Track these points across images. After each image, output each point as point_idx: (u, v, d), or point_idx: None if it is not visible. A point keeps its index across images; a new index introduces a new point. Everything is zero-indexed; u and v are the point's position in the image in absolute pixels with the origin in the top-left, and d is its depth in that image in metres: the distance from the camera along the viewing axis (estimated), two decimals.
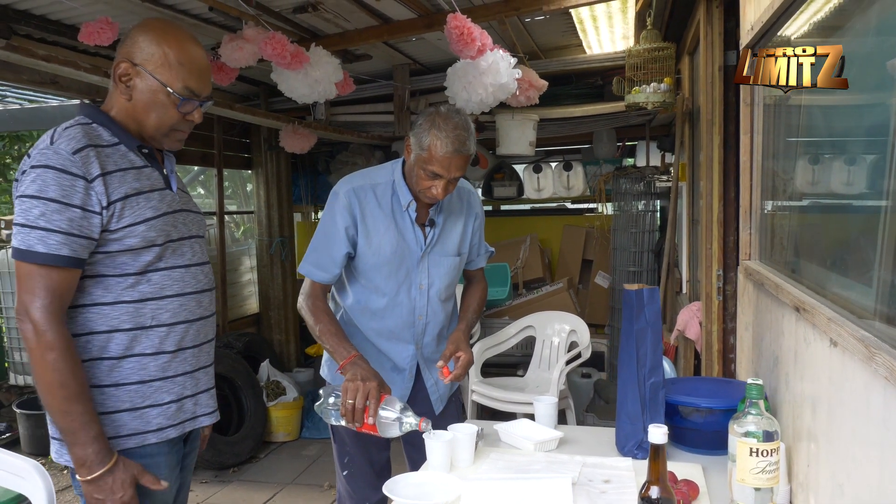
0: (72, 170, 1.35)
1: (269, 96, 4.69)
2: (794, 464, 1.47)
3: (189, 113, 1.51)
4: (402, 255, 1.98)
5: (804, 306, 1.35)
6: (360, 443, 2.07)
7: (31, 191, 1.35)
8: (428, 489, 1.50)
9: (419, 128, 1.87)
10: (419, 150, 1.86)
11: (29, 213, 1.34)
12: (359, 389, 1.68)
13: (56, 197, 1.34)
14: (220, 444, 4.02)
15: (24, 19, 2.91)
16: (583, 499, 1.45)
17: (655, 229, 4.83)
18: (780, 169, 1.94)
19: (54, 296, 1.35)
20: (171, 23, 1.53)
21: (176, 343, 1.49)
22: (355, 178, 2.01)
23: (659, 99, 3.59)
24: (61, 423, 1.36)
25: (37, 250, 1.33)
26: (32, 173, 1.35)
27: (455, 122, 1.84)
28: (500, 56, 2.83)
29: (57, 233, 1.34)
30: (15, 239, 1.37)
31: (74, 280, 1.39)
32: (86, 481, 1.36)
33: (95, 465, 1.36)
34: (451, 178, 1.87)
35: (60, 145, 1.37)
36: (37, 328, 1.33)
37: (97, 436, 1.37)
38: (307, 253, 2.00)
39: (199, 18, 3.12)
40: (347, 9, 3.11)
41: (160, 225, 1.46)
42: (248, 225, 7.42)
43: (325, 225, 1.98)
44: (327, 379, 2.13)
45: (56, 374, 1.33)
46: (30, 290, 1.34)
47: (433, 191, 1.88)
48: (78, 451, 1.36)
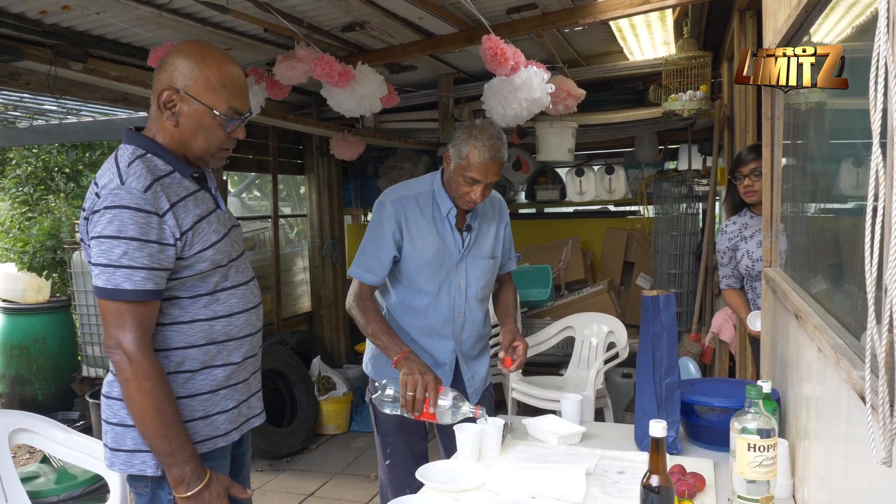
0: (145, 207, 1.40)
1: (321, 105, 4.92)
2: (796, 460, 1.59)
3: (234, 131, 1.55)
4: (443, 257, 2.16)
5: (801, 313, 1.46)
6: (401, 434, 2.26)
7: (109, 231, 1.39)
8: (456, 475, 1.67)
9: (457, 140, 2.08)
10: (458, 159, 2.06)
11: (111, 253, 1.39)
12: (418, 382, 1.86)
13: (135, 235, 1.39)
14: (274, 435, 4.27)
15: (98, 43, 3.20)
16: (596, 487, 1.59)
17: (697, 232, 4.87)
18: (801, 177, 2.02)
19: (143, 328, 1.42)
20: (206, 44, 1.55)
21: (242, 355, 1.61)
22: (399, 189, 2.21)
23: (695, 106, 3.67)
24: (160, 447, 1.43)
25: (124, 288, 1.40)
26: (108, 214, 1.40)
27: (490, 133, 2.04)
28: (534, 72, 2.97)
29: (141, 269, 1.40)
30: (99, 279, 1.41)
31: (157, 309, 1.46)
32: (185, 498, 1.44)
33: (193, 482, 1.44)
34: (488, 182, 2.07)
35: (131, 184, 1.41)
36: (132, 360, 1.40)
37: (192, 454, 1.45)
38: (357, 257, 2.19)
39: (255, 38, 3.35)
40: (392, 26, 3.30)
41: (224, 247, 1.56)
42: (301, 227, 7.71)
43: (374, 231, 2.16)
44: (371, 375, 2.31)
45: (154, 401, 1.41)
46: (120, 326, 1.40)
47: (472, 195, 2.07)
48: (176, 470, 1.43)
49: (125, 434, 1.51)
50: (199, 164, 1.58)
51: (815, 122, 1.69)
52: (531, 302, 4.94)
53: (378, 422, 2.29)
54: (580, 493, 1.53)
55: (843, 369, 1.04)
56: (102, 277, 1.41)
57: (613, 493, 1.56)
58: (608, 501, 1.52)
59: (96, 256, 1.42)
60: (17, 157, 5.71)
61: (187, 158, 1.55)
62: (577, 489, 1.55)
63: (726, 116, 3.94)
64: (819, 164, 1.68)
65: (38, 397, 4.80)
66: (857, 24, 1.21)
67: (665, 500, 1.33)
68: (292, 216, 7.80)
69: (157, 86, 1.51)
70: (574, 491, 1.54)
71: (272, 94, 3.41)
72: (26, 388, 4.85)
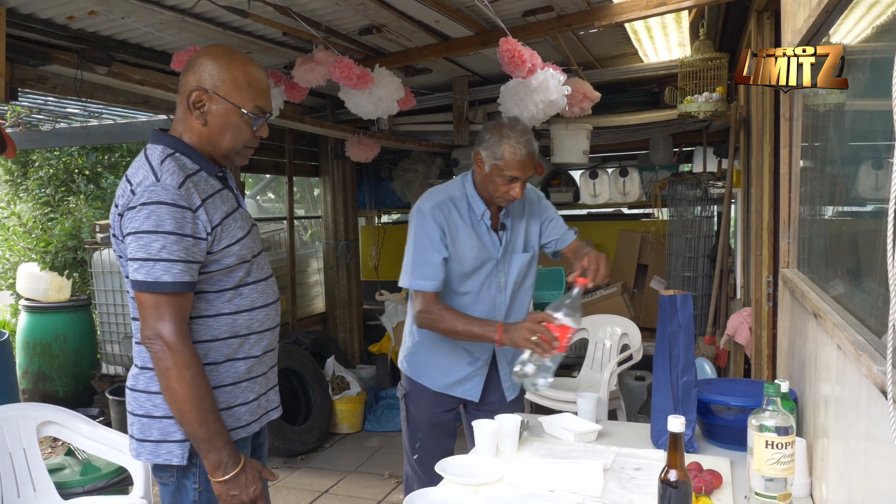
0: (180, 203, 1.46)
1: (336, 108, 4.96)
2: (814, 458, 1.60)
3: (259, 129, 1.61)
4: (483, 258, 2.20)
5: (819, 312, 1.47)
6: (433, 431, 2.31)
7: (147, 226, 1.44)
8: (474, 469, 1.70)
9: (488, 141, 2.10)
10: (494, 161, 2.09)
11: (150, 248, 1.44)
12: (537, 331, 1.90)
13: (172, 229, 1.44)
14: (289, 433, 4.31)
15: (122, 48, 3.26)
16: (613, 483, 1.61)
17: (711, 235, 4.87)
18: (818, 179, 2.03)
19: (181, 318, 1.47)
20: (230, 48, 1.62)
21: (262, 348, 1.66)
22: (435, 195, 2.21)
23: (711, 108, 3.67)
24: (199, 433, 1.47)
25: (164, 280, 1.44)
26: (145, 209, 1.44)
27: (520, 129, 2.09)
28: (550, 74, 3.00)
29: (178, 262, 1.45)
30: (139, 273, 1.45)
31: (191, 301, 1.51)
32: (222, 481, 1.49)
33: (230, 466, 1.49)
34: (526, 177, 2.10)
35: (166, 181, 1.47)
36: (172, 349, 1.44)
37: (228, 440, 1.50)
38: (409, 270, 2.16)
39: (274, 42, 3.40)
40: (409, 29, 3.33)
41: (248, 243, 1.61)
42: (316, 229, 7.77)
43: (420, 239, 2.15)
44: (406, 372, 2.33)
45: (194, 389, 1.45)
46: (160, 317, 1.44)
47: (512, 192, 2.10)
48: (214, 455, 1.48)
49: (151, 425, 1.55)
50: (224, 163, 1.63)
51: (835, 124, 1.70)
52: (544, 304, 4.95)
53: (409, 417, 2.34)
54: (598, 488, 1.55)
55: (864, 365, 1.06)
56: (142, 271, 1.45)
57: (630, 489, 1.58)
58: (625, 496, 1.54)
59: (134, 251, 1.46)
60: (39, 160, 5.79)
61: (212, 158, 1.60)
62: (595, 483, 1.57)
63: (742, 118, 3.95)
64: (838, 166, 1.69)
65: (59, 393, 4.87)
66: (877, 24, 1.22)
67: (683, 495, 1.35)
68: (307, 217, 7.86)
69: (185, 87, 1.56)
70: (592, 485, 1.56)
71: (290, 96, 3.45)
72: (48, 385, 4.92)
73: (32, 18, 2.85)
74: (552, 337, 1.89)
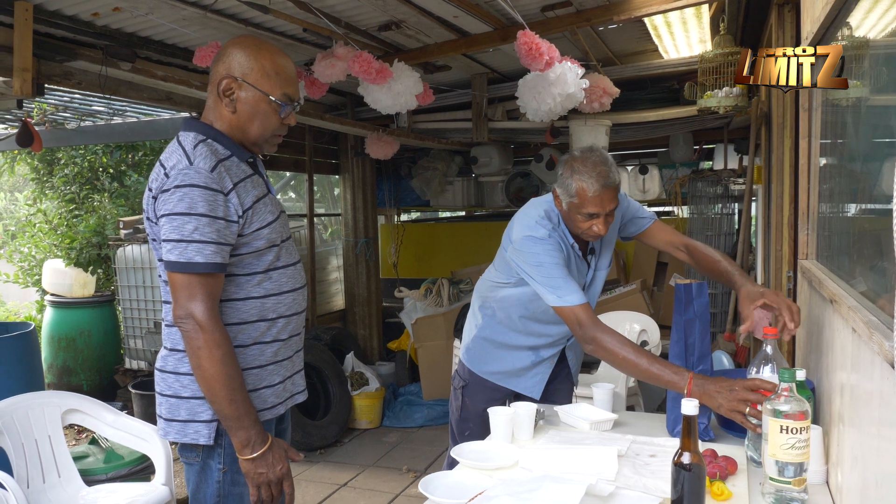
0: (213, 186, 1.49)
1: (356, 106, 5.01)
2: (829, 446, 1.59)
3: (286, 117, 1.63)
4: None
5: (835, 297, 1.47)
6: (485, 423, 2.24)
7: (180, 208, 1.47)
8: (489, 454, 1.71)
9: (561, 178, 1.99)
10: (569, 198, 1.97)
11: (183, 229, 1.47)
12: (749, 400, 1.63)
13: (205, 212, 1.47)
14: (308, 427, 4.35)
15: (145, 44, 3.32)
16: (627, 468, 1.61)
17: (732, 232, 4.84)
18: (838, 170, 2.01)
19: (213, 299, 1.50)
20: (259, 39, 1.66)
21: (289, 332, 1.69)
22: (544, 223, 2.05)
23: (731, 103, 3.65)
24: (228, 411, 1.50)
25: (197, 261, 1.47)
26: (179, 192, 1.48)
27: (593, 161, 1.94)
28: (568, 67, 3.00)
29: (210, 243, 1.48)
30: (171, 254, 1.48)
31: (222, 283, 1.54)
32: (250, 459, 1.52)
33: (258, 444, 1.52)
34: (608, 212, 1.96)
35: (199, 164, 1.50)
36: (204, 329, 1.47)
37: (256, 419, 1.53)
38: (558, 289, 1.98)
39: (294, 38, 3.44)
40: (428, 25, 3.35)
41: (278, 227, 1.64)
42: (335, 227, 7.83)
43: (551, 259, 1.99)
44: (467, 364, 2.30)
45: (224, 368, 1.48)
46: (192, 297, 1.47)
47: (594, 229, 1.98)
48: (242, 434, 1.51)
49: (179, 405, 1.59)
50: (253, 150, 1.66)
51: (854, 118, 1.69)
52: None
53: (463, 407, 2.31)
54: (612, 472, 1.56)
55: (876, 342, 1.06)
56: (175, 252, 1.48)
57: (645, 474, 1.58)
58: (639, 481, 1.54)
59: (168, 232, 1.49)
60: (64, 158, 5.91)
61: (243, 145, 1.64)
62: (610, 468, 1.58)
63: (763, 113, 3.92)
64: (859, 162, 1.68)
65: (83, 387, 4.96)
66: None
67: (696, 479, 1.35)
68: (327, 215, 7.92)
69: (215, 76, 1.60)
70: (606, 469, 1.57)
71: (311, 92, 3.49)
72: (72, 379, 5.02)
73: (58, 15, 2.91)
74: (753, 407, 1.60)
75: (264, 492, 1.56)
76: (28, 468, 2.51)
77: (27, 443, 2.52)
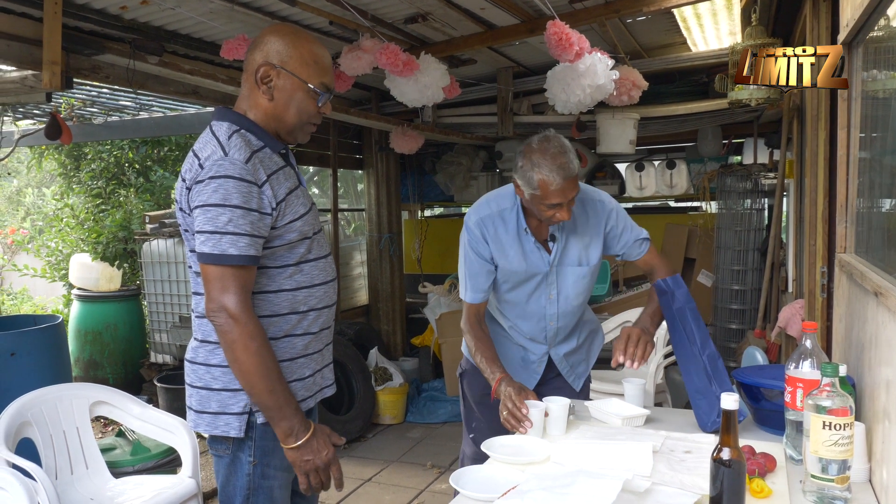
0: (247, 178, 1.48)
1: (381, 100, 5.00)
2: (873, 443, 1.54)
3: (323, 105, 1.63)
4: (530, 270, 2.12)
5: (881, 290, 1.42)
6: (483, 412, 2.28)
7: (214, 200, 1.46)
8: (521, 449, 1.68)
9: (521, 169, 1.95)
10: (531, 190, 1.94)
11: (217, 221, 1.46)
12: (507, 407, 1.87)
13: (239, 203, 1.46)
14: (332, 422, 4.35)
15: (172, 38, 3.33)
16: (662, 464, 1.57)
17: (762, 227, 4.75)
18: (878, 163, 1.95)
19: (246, 291, 1.48)
20: (296, 27, 1.66)
21: (319, 325, 1.67)
22: (482, 208, 2.13)
23: (763, 95, 3.56)
24: (268, 402, 1.49)
25: (230, 253, 1.46)
26: (213, 183, 1.46)
27: (552, 153, 1.89)
28: (598, 58, 2.95)
29: (244, 235, 1.46)
30: (205, 245, 1.46)
31: (255, 275, 1.53)
32: (294, 448, 1.51)
33: (301, 432, 1.51)
34: (569, 199, 1.94)
35: (234, 156, 1.48)
36: (238, 321, 1.45)
37: (297, 408, 1.52)
38: (463, 282, 2.16)
39: (321, 32, 3.43)
40: (454, 18, 3.32)
41: (310, 219, 1.63)
42: (359, 222, 7.82)
43: (467, 255, 2.12)
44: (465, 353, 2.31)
45: (260, 359, 1.47)
46: (225, 289, 1.46)
47: (558, 216, 1.96)
48: (284, 423, 1.50)
49: (210, 397, 1.58)
50: (288, 139, 1.65)
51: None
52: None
53: (464, 395, 2.35)
54: (648, 468, 1.52)
55: None
56: (209, 244, 1.47)
57: (680, 470, 1.54)
58: (675, 477, 1.51)
59: (202, 224, 1.48)
60: (91, 153, 5.97)
61: (276, 134, 1.62)
62: (645, 464, 1.54)
63: (796, 106, 3.83)
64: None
65: (109, 381, 5.01)
66: None
67: (736, 475, 1.31)
68: (350, 210, 7.93)
69: (251, 65, 1.59)
70: (642, 465, 1.53)
71: (337, 86, 3.47)
72: (98, 372, 5.07)
73: (87, 8, 2.93)
74: (522, 417, 1.81)
75: (313, 479, 1.55)
76: (56, 459, 2.52)
77: (55, 434, 2.54)
